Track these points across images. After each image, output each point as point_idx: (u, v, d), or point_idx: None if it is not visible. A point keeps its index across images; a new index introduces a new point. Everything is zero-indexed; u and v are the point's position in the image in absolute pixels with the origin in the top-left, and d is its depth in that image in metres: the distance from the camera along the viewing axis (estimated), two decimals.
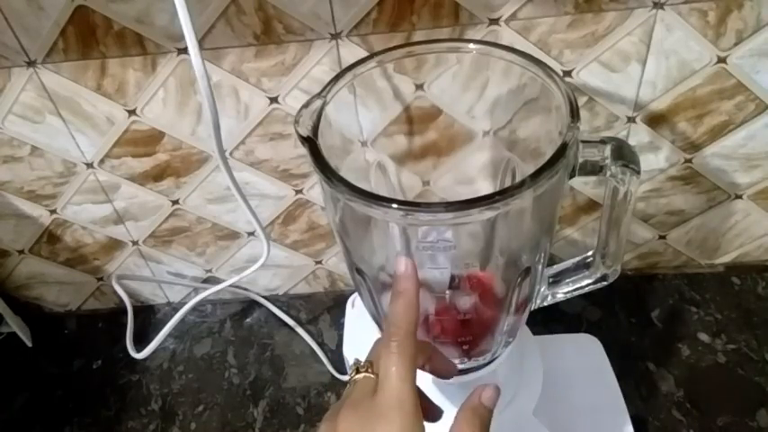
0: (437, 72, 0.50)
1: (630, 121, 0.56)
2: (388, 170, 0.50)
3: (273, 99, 0.55)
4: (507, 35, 0.50)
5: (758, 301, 0.66)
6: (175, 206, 0.64)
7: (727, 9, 0.48)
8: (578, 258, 0.45)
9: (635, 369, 0.61)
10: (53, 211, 0.64)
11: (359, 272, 0.42)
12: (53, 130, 0.57)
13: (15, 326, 0.71)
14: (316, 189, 0.62)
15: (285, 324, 0.71)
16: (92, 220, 0.66)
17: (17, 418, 0.67)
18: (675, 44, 0.50)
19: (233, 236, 0.68)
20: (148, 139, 0.58)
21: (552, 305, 0.46)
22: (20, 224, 0.66)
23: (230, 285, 0.65)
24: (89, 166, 0.60)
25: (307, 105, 0.38)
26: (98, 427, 0.65)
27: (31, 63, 0.52)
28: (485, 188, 0.50)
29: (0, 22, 0.49)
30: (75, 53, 0.51)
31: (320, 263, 0.71)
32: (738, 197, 0.62)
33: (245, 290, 0.74)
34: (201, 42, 0.50)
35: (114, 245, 0.68)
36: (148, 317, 0.74)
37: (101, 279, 0.73)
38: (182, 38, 0.42)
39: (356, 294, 0.59)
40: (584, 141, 0.36)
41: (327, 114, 0.39)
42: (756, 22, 0.49)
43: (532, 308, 0.45)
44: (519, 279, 0.41)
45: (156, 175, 0.61)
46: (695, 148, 0.58)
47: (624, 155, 0.36)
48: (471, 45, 0.43)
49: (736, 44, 0.50)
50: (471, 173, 0.53)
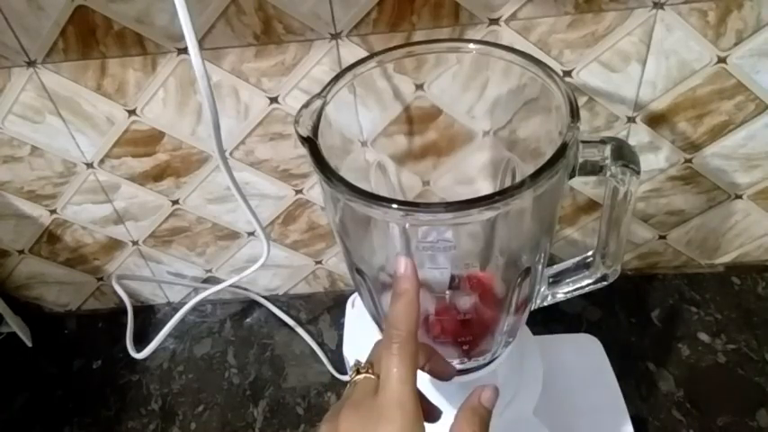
0: (437, 72, 0.50)
1: (630, 121, 0.56)
2: (388, 170, 0.50)
3: (273, 99, 0.55)
4: (507, 35, 0.50)
5: (758, 301, 0.66)
6: (175, 206, 0.64)
7: (727, 9, 0.48)
8: (578, 258, 0.45)
9: (635, 369, 0.61)
10: (53, 211, 0.64)
11: (359, 272, 0.42)
12: (53, 130, 0.57)
13: (15, 326, 0.71)
14: (316, 189, 0.62)
15: (285, 324, 0.71)
16: (92, 220, 0.66)
17: (17, 418, 0.67)
18: (675, 44, 0.50)
19: (233, 236, 0.68)
20: (148, 139, 0.58)
21: (552, 305, 0.46)
22: (20, 224, 0.66)
23: (230, 285, 0.65)
24: (89, 166, 0.60)
25: (307, 105, 0.38)
26: (98, 427, 0.65)
27: (31, 63, 0.52)
28: (485, 188, 0.50)
29: (0, 22, 0.49)
30: (75, 53, 0.51)
31: (320, 263, 0.71)
32: (738, 197, 0.62)
33: (245, 290, 0.74)
34: (201, 42, 0.50)
35: (114, 245, 0.68)
36: (148, 317, 0.74)
37: (101, 279, 0.73)
38: (182, 38, 0.42)
39: (356, 294, 0.59)
40: (584, 141, 0.36)
41: (327, 114, 0.39)
42: (756, 22, 0.49)
43: (532, 308, 0.45)
44: (519, 279, 0.41)
45: (156, 175, 0.61)
46: (695, 148, 0.58)
47: (624, 155, 0.36)
48: (471, 45, 0.43)
49: (736, 44, 0.50)
50: (471, 173, 0.53)
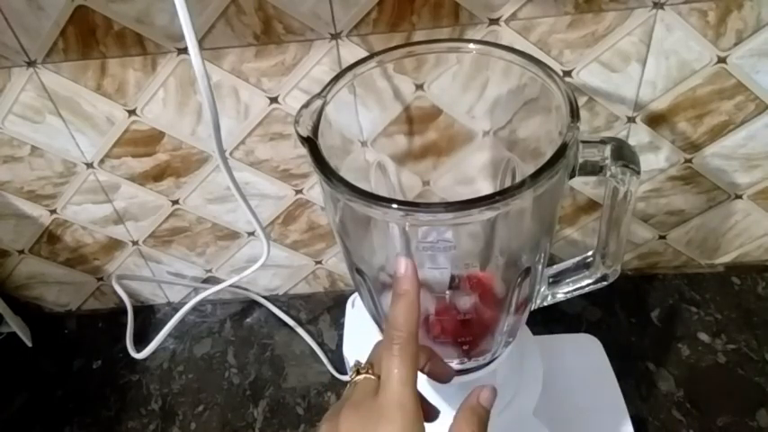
0: (437, 72, 0.50)
1: (630, 121, 0.56)
2: (388, 170, 0.50)
3: (273, 99, 0.55)
4: (507, 35, 0.50)
5: (758, 301, 0.66)
6: (175, 206, 0.64)
7: (727, 9, 0.48)
8: (578, 258, 0.45)
9: (635, 369, 0.61)
10: (53, 211, 0.64)
11: (359, 272, 0.42)
12: (53, 130, 0.57)
13: (15, 326, 0.71)
14: (316, 189, 0.62)
15: (285, 324, 0.71)
16: (92, 220, 0.66)
17: (17, 418, 0.67)
18: (675, 44, 0.50)
19: (233, 236, 0.68)
20: (148, 139, 0.58)
21: (552, 305, 0.46)
22: (20, 224, 0.66)
23: (230, 285, 0.65)
24: (89, 166, 0.60)
25: (307, 105, 0.38)
26: (98, 427, 0.65)
27: (31, 63, 0.52)
28: (485, 188, 0.50)
29: (0, 22, 0.49)
30: (75, 53, 0.51)
31: (320, 263, 0.71)
32: (738, 197, 0.62)
33: (245, 290, 0.74)
34: (201, 42, 0.50)
35: (114, 245, 0.68)
36: (148, 317, 0.74)
37: (101, 279, 0.73)
38: (182, 38, 0.42)
39: (356, 294, 0.59)
40: (584, 141, 0.36)
41: (327, 114, 0.39)
42: (756, 22, 0.49)
43: (532, 308, 0.45)
44: (519, 279, 0.41)
45: (156, 175, 0.61)
46: (695, 148, 0.58)
47: (624, 155, 0.36)
48: (471, 45, 0.43)
49: (736, 44, 0.50)
50: (471, 173, 0.53)
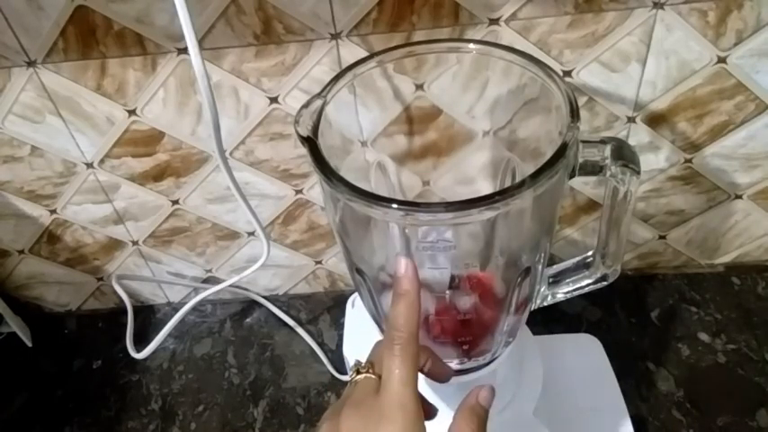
0: (437, 72, 0.50)
1: (630, 121, 0.56)
2: (388, 170, 0.50)
3: (273, 99, 0.55)
4: (507, 35, 0.50)
5: (758, 301, 0.66)
6: (175, 206, 0.64)
7: (727, 9, 0.48)
8: (578, 258, 0.45)
9: (635, 369, 0.61)
10: (53, 211, 0.64)
11: (359, 272, 0.42)
12: (53, 130, 0.57)
13: (15, 326, 0.71)
14: (316, 189, 0.62)
15: (285, 324, 0.71)
16: (92, 220, 0.66)
17: (17, 418, 0.67)
18: (675, 44, 0.50)
19: (233, 236, 0.68)
20: (148, 139, 0.58)
21: (552, 305, 0.46)
22: (20, 224, 0.66)
23: (230, 285, 0.65)
24: (89, 166, 0.60)
25: (307, 105, 0.38)
26: (98, 427, 0.65)
27: (31, 63, 0.52)
28: (485, 188, 0.50)
29: (0, 22, 0.49)
30: (75, 53, 0.51)
31: (320, 263, 0.71)
32: (738, 197, 0.62)
33: (245, 290, 0.74)
34: (201, 42, 0.50)
35: (114, 245, 0.68)
36: (148, 317, 0.74)
37: (101, 279, 0.73)
38: (182, 38, 0.42)
39: (356, 294, 0.59)
40: (584, 141, 0.36)
41: (327, 114, 0.39)
42: (756, 22, 0.49)
43: (532, 308, 0.45)
44: (519, 279, 0.41)
45: (156, 175, 0.61)
46: (695, 148, 0.58)
47: (624, 155, 0.36)
48: (471, 45, 0.43)
49: (736, 44, 0.50)
50: (471, 173, 0.53)
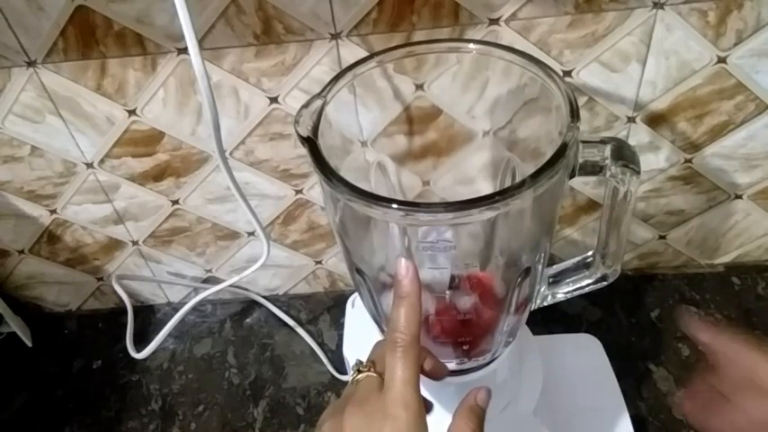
0: (437, 72, 0.50)
1: (630, 121, 0.56)
2: (388, 170, 0.50)
3: (273, 99, 0.55)
4: (507, 35, 0.50)
5: (758, 301, 0.66)
6: (175, 206, 0.64)
7: (727, 9, 0.48)
8: (578, 258, 0.45)
9: (635, 369, 0.61)
10: (53, 211, 0.64)
11: (359, 272, 0.42)
12: (53, 130, 0.57)
13: (15, 326, 0.71)
14: (316, 189, 0.62)
15: (285, 324, 0.71)
16: (92, 220, 0.66)
17: (17, 418, 0.67)
18: (675, 44, 0.50)
19: (233, 236, 0.68)
20: (148, 139, 0.58)
21: (552, 305, 0.46)
22: (20, 224, 0.66)
23: (230, 285, 0.64)
24: (89, 166, 0.60)
25: (307, 105, 0.38)
26: (98, 427, 0.65)
27: (31, 63, 0.52)
28: (485, 188, 0.50)
29: (0, 22, 0.49)
30: (75, 53, 0.51)
31: (320, 263, 0.71)
32: (738, 197, 0.62)
33: (245, 290, 0.74)
34: (201, 42, 0.50)
35: (114, 245, 0.68)
36: (148, 317, 0.74)
37: (101, 279, 0.73)
38: (182, 38, 0.42)
39: (356, 294, 0.59)
40: (584, 141, 0.36)
41: (327, 114, 0.39)
42: (756, 22, 0.49)
43: (532, 308, 0.45)
44: (519, 279, 0.41)
45: (156, 175, 0.61)
46: (695, 148, 0.58)
47: (624, 155, 0.36)
48: (471, 45, 0.43)
49: (736, 44, 0.50)
50: (471, 173, 0.53)
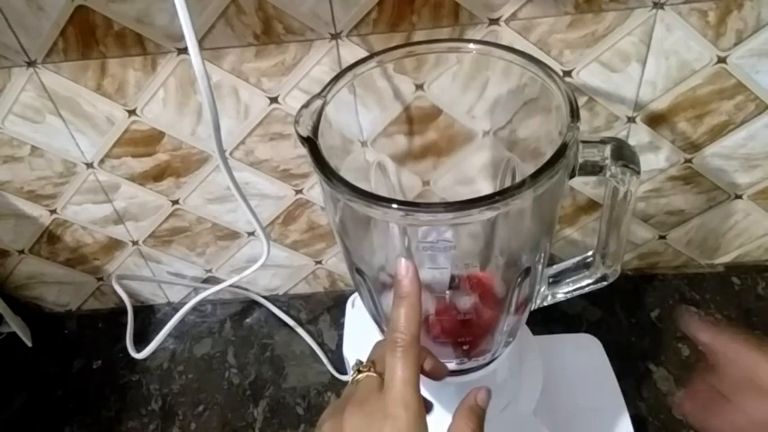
0: (437, 72, 0.50)
1: (630, 121, 0.56)
2: (388, 170, 0.50)
3: (273, 99, 0.55)
4: (507, 35, 0.50)
5: (758, 301, 0.66)
6: (175, 206, 0.64)
7: (727, 9, 0.48)
8: (578, 258, 0.45)
9: (635, 369, 0.61)
10: (53, 211, 0.64)
11: (359, 272, 0.42)
12: (53, 130, 0.57)
13: (15, 326, 0.71)
14: (316, 189, 0.62)
15: (285, 324, 0.71)
16: (92, 220, 0.66)
17: (17, 418, 0.67)
18: (675, 44, 0.50)
19: (233, 236, 0.68)
20: (148, 139, 0.58)
21: (552, 305, 0.46)
22: (20, 224, 0.66)
23: (230, 285, 0.64)
24: (89, 166, 0.60)
25: (307, 105, 0.38)
26: (98, 427, 0.65)
27: (31, 63, 0.52)
28: (485, 188, 0.50)
29: (0, 22, 0.49)
30: (75, 53, 0.51)
31: (320, 263, 0.71)
32: (738, 197, 0.62)
33: (245, 290, 0.74)
34: (201, 42, 0.50)
35: (114, 245, 0.68)
36: (148, 317, 0.74)
37: (101, 279, 0.73)
38: (182, 38, 0.42)
39: (356, 294, 0.59)
40: (584, 141, 0.36)
41: (327, 114, 0.39)
42: (756, 22, 0.49)
43: (532, 308, 0.45)
44: (519, 279, 0.41)
45: (156, 175, 0.61)
46: (695, 148, 0.58)
47: (624, 155, 0.36)
48: (471, 45, 0.43)
49: (736, 44, 0.50)
50: (471, 173, 0.53)
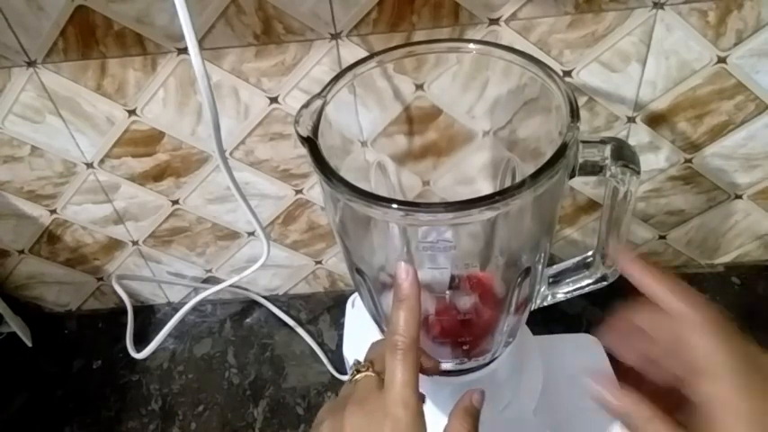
0: (437, 72, 0.50)
1: (630, 121, 0.56)
2: (388, 170, 0.50)
3: (273, 99, 0.55)
4: (507, 35, 0.50)
5: (758, 301, 0.66)
6: (175, 206, 0.64)
7: (727, 9, 0.48)
8: (578, 258, 0.45)
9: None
10: (53, 211, 0.64)
11: (359, 272, 0.42)
12: (53, 130, 0.57)
13: (15, 326, 0.71)
14: (316, 189, 0.62)
15: (285, 324, 0.71)
16: (92, 220, 0.66)
17: (17, 418, 0.67)
18: (675, 44, 0.50)
19: (233, 236, 0.68)
20: (148, 139, 0.58)
21: (552, 305, 0.46)
22: (20, 224, 0.66)
23: (230, 285, 0.65)
24: (89, 166, 0.60)
25: (307, 105, 0.38)
26: (98, 427, 0.65)
27: (31, 63, 0.52)
28: (485, 188, 0.50)
29: (0, 22, 0.49)
30: (75, 53, 0.51)
31: (320, 263, 0.71)
32: (738, 197, 0.62)
33: (245, 290, 0.74)
34: (201, 42, 0.50)
35: (114, 245, 0.68)
36: (148, 317, 0.74)
37: (101, 279, 0.73)
38: (182, 38, 0.42)
39: (356, 294, 0.59)
40: (584, 141, 0.36)
41: (327, 114, 0.39)
42: (756, 22, 0.49)
43: (532, 308, 0.45)
44: (519, 279, 0.41)
45: (156, 175, 0.61)
46: (695, 148, 0.58)
47: (624, 155, 0.36)
48: (471, 45, 0.43)
49: (736, 44, 0.50)
50: (471, 173, 0.53)
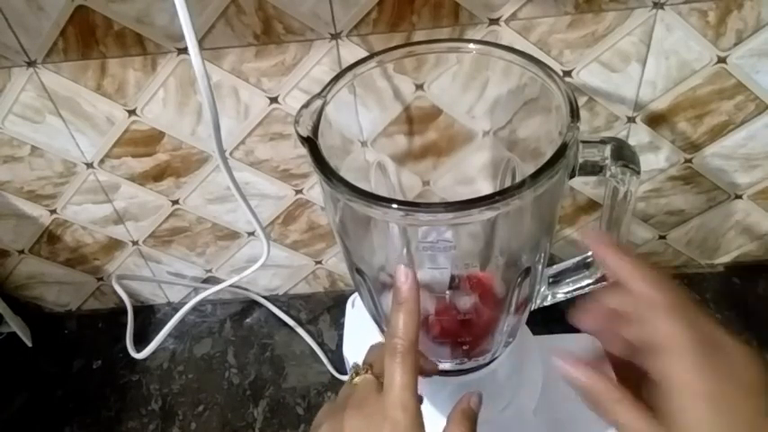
0: (437, 72, 0.50)
1: (630, 121, 0.56)
2: (388, 170, 0.50)
3: (273, 99, 0.55)
4: (507, 35, 0.50)
5: (758, 301, 0.66)
6: (175, 206, 0.64)
7: (727, 9, 0.48)
8: (578, 258, 0.45)
9: None
10: (53, 211, 0.64)
11: (359, 272, 0.42)
12: (53, 130, 0.57)
13: (15, 326, 0.71)
14: (316, 189, 0.62)
15: (285, 324, 0.71)
16: (92, 220, 0.66)
17: (17, 418, 0.67)
18: (675, 44, 0.50)
19: (233, 236, 0.68)
20: (148, 139, 0.58)
21: (552, 305, 0.46)
22: (20, 224, 0.66)
23: (230, 285, 0.65)
24: (89, 166, 0.60)
25: (307, 105, 0.38)
26: (98, 427, 0.65)
27: (31, 63, 0.52)
28: (485, 188, 0.50)
29: (0, 22, 0.49)
30: (75, 53, 0.51)
31: (320, 263, 0.71)
32: (738, 197, 0.62)
33: (245, 290, 0.74)
34: (201, 42, 0.50)
35: (114, 245, 0.68)
36: (148, 317, 0.74)
37: (101, 279, 0.73)
38: (182, 38, 0.42)
39: (356, 294, 0.59)
40: (584, 141, 0.36)
41: (327, 114, 0.39)
42: (756, 22, 0.49)
43: (532, 308, 0.45)
44: (519, 279, 0.41)
45: (156, 175, 0.61)
46: (695, 148, 0.58)
47: (624, 155, 0.36)
48: (471, 45, 0.43)
49: (736, 44, 0.50)
50: (471, 173, 0.53)
